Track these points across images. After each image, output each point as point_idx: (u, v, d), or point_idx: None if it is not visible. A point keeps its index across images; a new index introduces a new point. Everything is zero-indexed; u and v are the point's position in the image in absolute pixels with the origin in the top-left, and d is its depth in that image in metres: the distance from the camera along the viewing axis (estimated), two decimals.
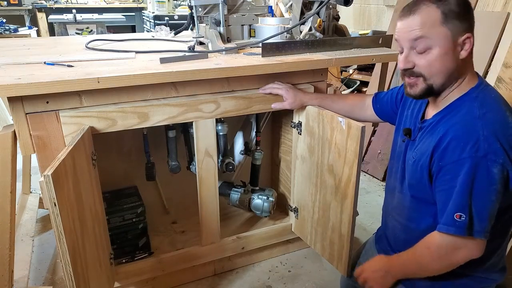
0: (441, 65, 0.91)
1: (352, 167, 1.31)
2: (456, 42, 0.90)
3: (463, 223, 0.88)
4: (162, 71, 1.29)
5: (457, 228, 0.89)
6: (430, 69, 0.92)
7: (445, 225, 0.92)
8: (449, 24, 0.88)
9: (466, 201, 0.88)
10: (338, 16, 1.86)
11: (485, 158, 0.85)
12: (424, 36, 0.90)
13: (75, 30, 4.42)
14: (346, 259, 1.41)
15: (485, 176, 0.86)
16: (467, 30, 0.90)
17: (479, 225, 0.88)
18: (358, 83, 3.47)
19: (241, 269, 1.86)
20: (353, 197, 1.34)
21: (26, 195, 2.22)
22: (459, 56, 0.91)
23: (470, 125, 0.89)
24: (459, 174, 0.88)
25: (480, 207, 0.87)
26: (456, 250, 0.92)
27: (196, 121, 1.45)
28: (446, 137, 0.91)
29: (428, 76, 0.93)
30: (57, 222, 0.99)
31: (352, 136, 1.28)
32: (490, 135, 0.86)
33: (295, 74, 1.56)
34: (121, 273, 1.55)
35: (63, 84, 1.16)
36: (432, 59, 0.91)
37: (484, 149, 0.86)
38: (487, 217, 0.88)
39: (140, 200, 1.67)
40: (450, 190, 0.90)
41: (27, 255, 1.78)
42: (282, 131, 1.84)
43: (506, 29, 2.13)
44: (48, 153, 1.25)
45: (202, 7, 1.67)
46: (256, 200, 1.84)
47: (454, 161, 0.89)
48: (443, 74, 0.92)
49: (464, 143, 0.88)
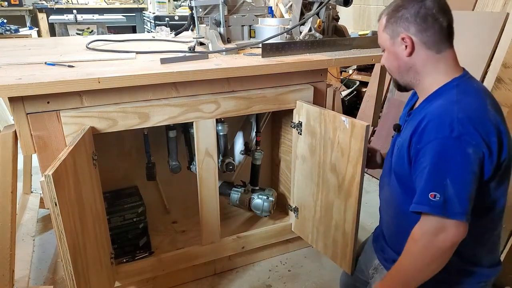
0: (390, 64, 1.05)
1: (356, 166, 1.32)
2: (396, 43, 1.00)
3: (438, 202, 0.87)
4: (163, 72, 1.29)
5: (432, 207, 0.88)
6: (387, 67, 1.08)
7: (419, 204, 0.91)
8: (387, 29, 1.02)
9: (441, 181, 0.87)
10: (337, 17, 1.86)
11: (459, 139, 0.86)
12: (379, 42, 1.07)
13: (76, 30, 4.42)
14: (351, 257, 1.41)
15: (460, 156, 0.86)
16: (402, 32, 0.98)
17: (459, 207, 0.87)
18: (357, 84, 3.47)
19: (241, 268, 1.87)
20: (357, 195, 1.35)
21: (27, 195, 2.23)
22: (404, 54, 1.00)
23: (447, 108, 0.91)
24: (432, 154, 0.89)
25: (459, 188, 0.87)
26: (437, 234, 0.90)
27: (197, 121, 1.46)
28: (423, 121, 0.94)
29: (390, 72, 1.08)
30: (58, 222, 1.00)
31: (356, 135, 1.29)
32: (464, 118, 0.88)
33: (295, 74, 1.56)
34: (121, 272, 1.56)
35: (64, 84, 1.16)
36: (384, 59, 1.07)
37: (458, 130, 0.87)
38: (466, 197, 0.87)
39: (141, 199, 1.68)
40: (424, 171, 0.90)
41: (28, 254, 1.79)
42: (282, 131, 1.84)
43: (506, 29, 2.13)
44: (49, 153, 1.26)
45: (202, 8, 1.68)
46: (256, 199, 1.85)
47: (429, 142, 0.90)
48: (396, 71, 1.05)
49: (439, 124, 0.89)
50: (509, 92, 2.02)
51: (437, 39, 0.96)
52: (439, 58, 0.98)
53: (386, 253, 1.17)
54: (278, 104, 1.57)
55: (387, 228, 1.18)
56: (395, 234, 1.12)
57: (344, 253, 1.46)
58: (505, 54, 2.07)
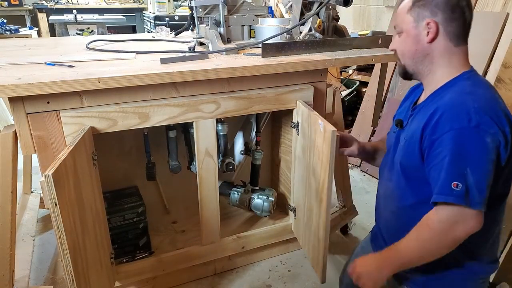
0: (406, 47, 1.03)
1: (326, 171, 1.30)
2: (420, 27, 0.99)
3: (461, 192, 0.87)
4: (163, 72, 1.29)
5: (456, 197, 0.87)
6: (399, 51, 1.06)
7: (442, 194, 0.90)
8: (413, 12, 0.99)
9: (462, 171, 0.87)
10: (337, 17, 1.86)
11: (477, 128, 0.87)
12: (397, 24, 1.05)
13: (76, 30, 4.42)
14: (322, 264, 1.40)
15: (479, 145, 0.87)
16: (429, 17, 0.98)
17: (478, 196, 0.87)
18: (357, 84, 3.47)
19: (241, 268, 1.87)
20: (326, 202, 1.32)
21: (27, 195, 2.23)
22: (425, 39, 0.99)
23: (461, 99, 0.92)
24: (452, 144, 0.88)
25: (478, 177, 0.87)
26: (456, 223, 0.90)
27: (197, 121, 1.46)
28: (437, 112, 0.93)
29: (399, 57, 1.06)
30: (58, 222, 1.00)
31: (327, 139, 1.26)
32: (480, 108, 0.89)
33: (295, 74, 1.56)
34: (121, 272, 1.56)
35: (64, 84, 1.16)
36: (400, 42, 1.04)
37: (476, 119, 0.87)
38: (485, 187, 0.87)
39: (141, 199, 1.68)
40: (443, 161, 0.90)
41: (28, 254, 1.79)
42: (282, 131, 1.84)
43: (506, 29, 2.13)
44: (49, 153, 1.26)
45: (202, 8, 1.68)
46: (256, 199, 1.85)
47: (446, 132, 0.90)
48: (410, 55, 1.03)
49: (456, 115, 0.90)
50: (509, 92, 2.02)
51: (459, 32, 0.98)
52: (455, 51, 0.99)
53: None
54: (278, 104, 1.57)
55: (386, 225, 1.18)
56: (396, 230, 1.12)
57: (317, 260, 1.46)
58: (505, 54, 2.07)
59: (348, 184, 2.05)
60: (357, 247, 1.42)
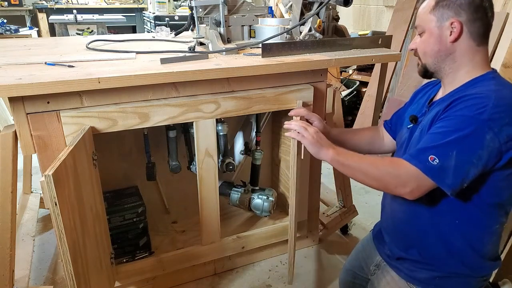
0: (428, 47, 1.03)
1: None
2: (443, 27, 0.99)
3: (434, 166, 0.91)
4: (163, 72, 1.29)
5: (426, 168, 0.92)
6: (420, 51, 1.06)
7: (414, 158, 0.94)
8: (436, 11, 1.00)
9: (448, 151, 0.90)
10: (337, 17, 1.86)
11: (485, 122, 0.88)
12: (419, 24, 1.05)
13: (76, 30, 4.42)
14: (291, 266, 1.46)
15: (477, 138, 0.89)
16: (453, 16, 0.98)
17: (452, 180, 0.90)
18: (357, 84, 3.47)
19: (241, 268, 1.87)
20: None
21: (27, 194, 2.23)
22: (448, 39, 0.99)
23: (486, 94, 0.92)
24: (454, 126, 0.91)
25: (460, 163, 0.90)
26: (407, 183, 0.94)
27: (197, 121, 1.46)
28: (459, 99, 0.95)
29: (421, 57, 1.07)
30: (58, 222, 1.00)
31: None
32: (498, 106, 0.89)
33: (295, 74, 1.56)
34: (121, 272, 1.56)
35: (64, 84, 1.16)
36: (422, 41, 1.04)
37: (488, 113, 0.88)
38: (461, 175, 0.90)
39: (141, 200, 1.68)
40: (437, 135, 0.93)
41: (28, 254, 1.78)
42: (282, 131, 1.84)
43: (505, 30, 2.13)
44: (49, 153, 1.26)
45: (202, 8, 1.68)
46: (256, 199, 1.85)
47: (455, 116, 0.92)
48: (433, 55, 1.03)
49: (474, 104, 0.91)
50: None
51: (481, 32, 0.99)
52: (477, 51, 1.00)
53: (389, 250, 1.18)
54: (278, 104, 1.57)
55: (392, 223, 1.18)
56: (401, 228, 1.13)
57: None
58: (505, 54, 2.07)
59: (348, 184, 2.06)
60: (357, 244, 1.42)
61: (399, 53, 1.69)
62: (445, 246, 1.04)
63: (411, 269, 1.11)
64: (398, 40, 2.86)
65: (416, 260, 1.10)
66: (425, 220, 1.05)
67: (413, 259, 1.10)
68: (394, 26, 2.96)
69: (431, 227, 1.05)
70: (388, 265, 1.18)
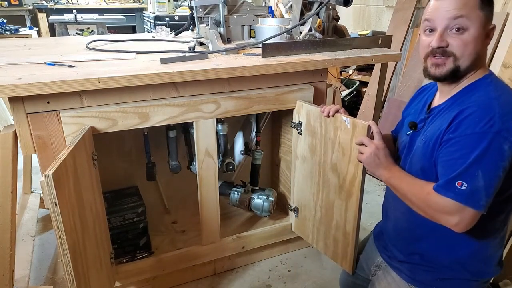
0: (473, 47, 0.93)
1: (358, 165, 1.32)
2: (486, 29, 0.94)
3: (464, 191, 0.89)
4: (163, 72, 1.29)
5: (456, 195, 0.89)
6: (463, 49, 0.94)
7: (443, 188, 0.92)
8: (484, 11, 0.92)
9: (473, 172, 0.88)
10: (337, 17, 1.86)
11: (498, 134, 0.87)
12: (464, 16, 0.91)
13: (76, 30, 4.42)
14: (352, 256, 1.41)
15: (496, 151, 0.87)
16: (492, 20, 0.96)
17: (485, 199, 0.88)
18: (357, 84, 3.47)
19: (241, 268, 1.87)
20: (358, 195, 1.35)
21: (27, 194, 2.23)
22: (484, 42, 0.95)
23: (488, 104, 0.91)
24: (470, 146, 0.89)
25: (488, 181, 0.88)
26: (450, 215, 0.92)
27: (197, 121, 1.46)
28: (462, 114, 0.93)
29: (460, 56, 0.95)
30: (58, 222, 1.00)
31: (358, 135, 1.28)
32: (505, 114, 0.88)
33: (295, 74, 1.56)
34: (121, 272, 1.56)
35: (64, 84, 1.16)
36: (467, 39, 0.93)
37: (498, 125, 0.87)
38: (492, 192, 0.89)
39: (141, 200, 1.68)
40: (457, 161, 0.91)
41: (28, 254, 1.78)
42: (282, 131, 1.84)
43: (505, 29, 2.13)
44: (49, 153, 1.26)
45: (202, 8, 1.68)
46: (256, 199, 1.85)
47: (466, 135, 0.90)
48: (472, 57, 0.95)
49: (480, 119, 0.89)
50: None
51: None
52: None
53: (390, 251, 1.18)
54: (278, 104, 1.57)
55: (395, 225, 1.18)
56: (405, 231, 1.13)
57: (345, 252, 1.46)
58: (505, 54, 2.07)
59: None
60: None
61: (399, 53, 1.69)
62: (449, 254, 1.04)
63: (412, 270, 1.11)
64: (398, 40, 2.86)
65: (417, 263, 1.10)
66: (429, 229, 1.04)
67: (415, 262, 1.10)
68: (394, 26, 2.96)
69: (434, 236, 1.05)
70: (389, 266, 1.18)
